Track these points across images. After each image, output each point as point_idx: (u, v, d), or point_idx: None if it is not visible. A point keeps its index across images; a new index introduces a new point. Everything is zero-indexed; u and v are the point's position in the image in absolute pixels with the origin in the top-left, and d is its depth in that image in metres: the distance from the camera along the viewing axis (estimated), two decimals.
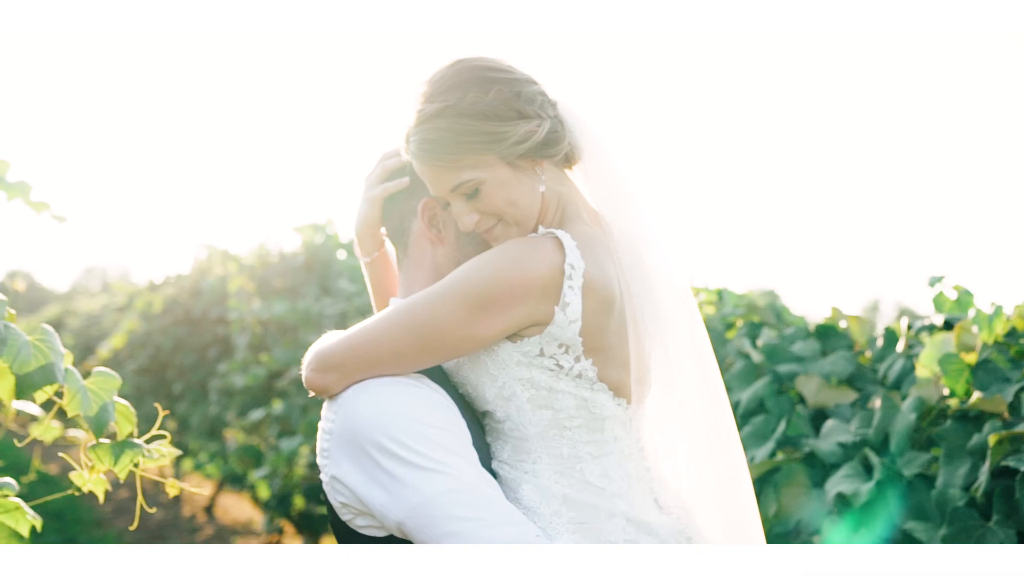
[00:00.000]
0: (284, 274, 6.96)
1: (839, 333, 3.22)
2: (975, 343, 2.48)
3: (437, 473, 1.64)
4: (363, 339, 1.74)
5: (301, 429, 6.12)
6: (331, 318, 6.13)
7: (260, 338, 7.09)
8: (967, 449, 2.36)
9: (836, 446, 2.76)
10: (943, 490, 2.38)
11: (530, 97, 1.74)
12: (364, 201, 1.97)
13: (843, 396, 2.96)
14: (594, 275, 1.71)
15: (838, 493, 2.62)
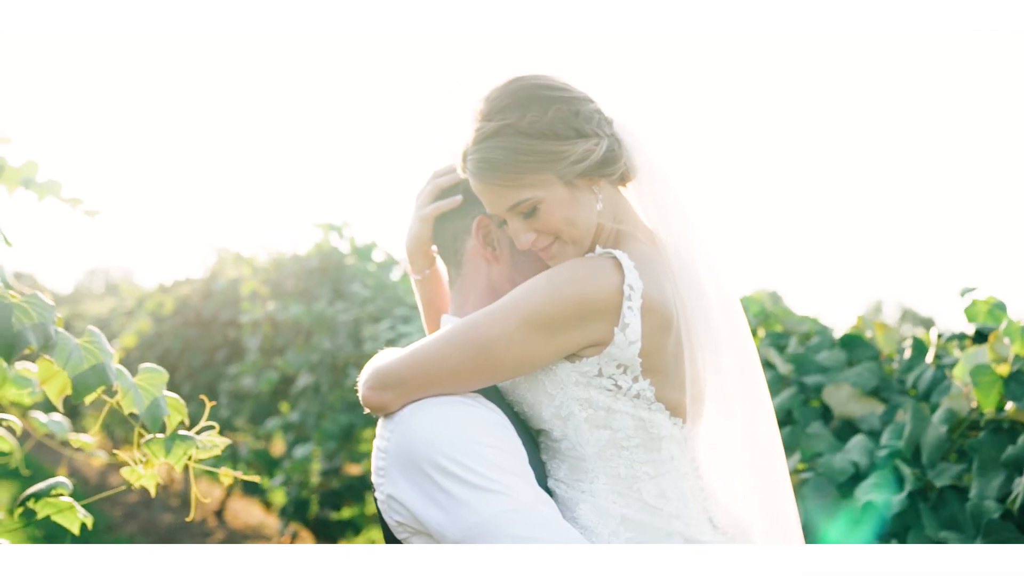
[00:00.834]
0: (297, 277, 6.98)
1: (865, 343, 3.24)
2: (1009, 354, 2.49)
3: (495, 493, 1.64)
4: (423, 358, 1.74)
5: (315, 437, 6.13)
6: (345, 324, 6.15)
7: (271, 341, 7.10)
8: (1001, 461, 2.38)
9: (850, 464, 2.76)
10: (977, 501, 2.39)
11: (588, 116, 1.74)
12: (415, 219, 1.98)
13: (870, 407, 2.97)
14: (652, 295, 1.71)
15: (868, 503, 2.64)
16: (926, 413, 2.65)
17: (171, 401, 1.93)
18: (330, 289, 6.69)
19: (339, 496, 6.70)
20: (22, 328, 1.71)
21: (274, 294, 7.09)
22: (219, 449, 1.95)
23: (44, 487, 1.90)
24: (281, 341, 6.86)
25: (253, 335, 7.20)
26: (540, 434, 1.87)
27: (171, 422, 1.93)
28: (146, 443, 1.90)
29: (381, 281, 6.43)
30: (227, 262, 8.43)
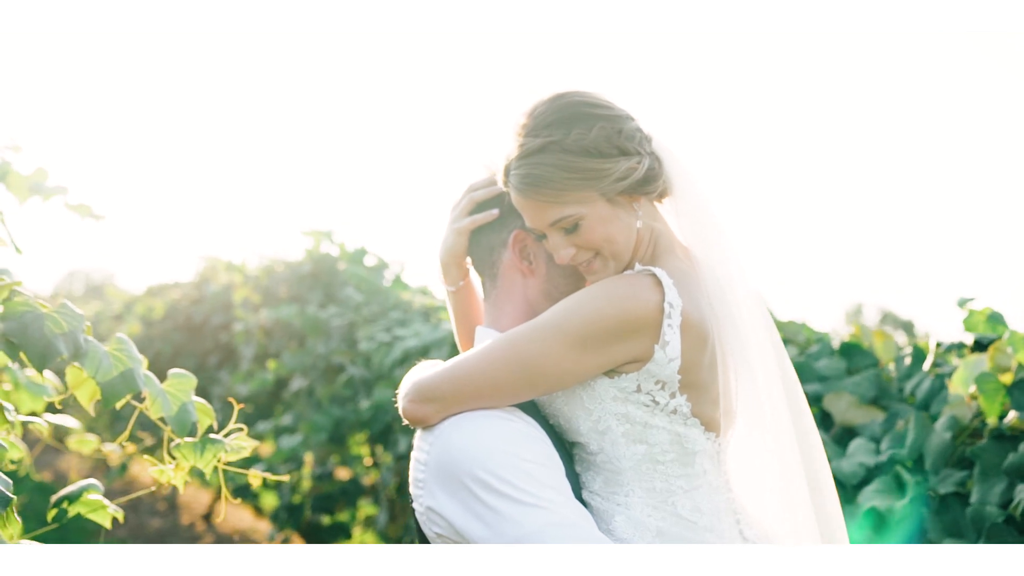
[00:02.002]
0: (289, 283, 7.00)
1: (864, 352, 3.29)
2: (1010, 363, 2.56)
3: (537, 508, 1.66)
4: (464, 372, 1.77)
5: (303, 428, 6.15)
6: (339, 328, 6.18)
7: (264, 347, 7.12)
8: (1003, 467, 2.43)
9: (858, 466, 2.82)
10: (978, 507, 2.45)
11: (630, 134, 1.78)
12: (451, 232, 2.00)
13: (871, 415, 3.03)
14: (691, 312, 1.75)
15: (870, 509, 2.69)
16: (927, 420, 2.71)
17: (199, 406, 1.97)
18: (322, 294, 6.71)
19: (331, 500, 6.72)
20: (54, 338, 1.74)
21: (266, 301, 7.10)
22: (247, 451, 1.99)
23: (76, 489, 1.94)
24: (275, 347, 6.88)
25: (247, 343, 7.21)
26: (575, 447, 1.89)
27: (200, 426, 1.97)
28: (175, 447, 1.93)
29: (373, 285, 6.46)
30: (217, 268, 8.44)
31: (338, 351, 6.00)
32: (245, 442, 1.98)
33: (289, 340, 6.77)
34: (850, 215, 44.21)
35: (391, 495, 5.59)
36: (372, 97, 22.58)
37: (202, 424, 1.96)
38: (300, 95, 19.59)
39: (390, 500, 5.61)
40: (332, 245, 6.87)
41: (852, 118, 47.83)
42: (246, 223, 16.86)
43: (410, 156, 25.63)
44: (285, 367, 6.40)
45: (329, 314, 6.26)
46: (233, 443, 1.98)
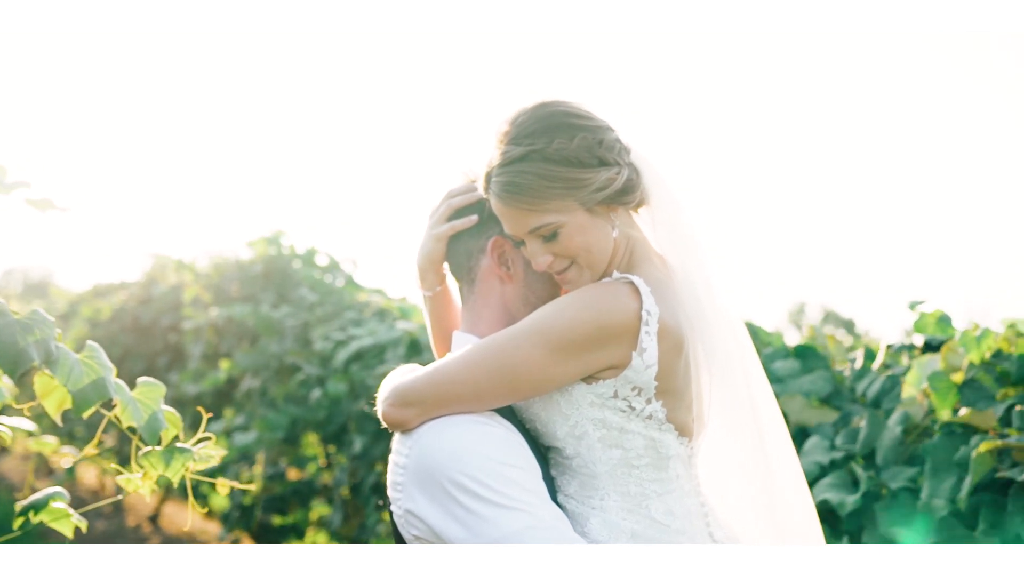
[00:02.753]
0: (241, 282, 6.95)
1: (818, 353, 3.37)
2: (962, 363, 2.64)
3: (515, 510, 1.70)
4: (444, 377, 1.79)
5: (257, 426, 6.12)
6: (293, 328, 6.16)
7: (215, 347, 7.07)
8: (954, 462, 2.51)
9: (814, 464, 2.89)
10: (928, 502, 2.53)
11: (610, 144, 1.81)
12: (429, 237, 2.02)
13: (825, 415, 3.10)
14: (667, 320, 1.78)
15: (823, 501, 2.77)
16: (881, 418, 2.79)
17: (168, 415, 1.97)
18: (275, 294, 6.68)
19: (283, 501, 6.69)
20: (26, 345, 1.73)
21: (217, 300, 7.05)
22: (216, 460, 1.99)
23: (42, 497, 1.93)
24: (225, 346, 6.83)
25: (196, 342, 7.15)
26: (550, 451, 1.92)
27: (167, 436, 1.96)
28: (144, 455, 1.93)
29: (327, 285, 6.45)
30: (165, 267, 8.34)
31: (292, 351, 5.98)
32: (213, 451, 1.98)
33: (240, 339, 6.73)
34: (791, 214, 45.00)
35: (345, 495, 5.58)
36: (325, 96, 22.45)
37: (169, 433, 1.96)
38: (252, 92, 19.44)
39: (344, 500, 5.60)
40: (284, 245, 6.84)
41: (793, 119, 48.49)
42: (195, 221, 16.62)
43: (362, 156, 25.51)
44: (238, 366, 6.36)
45: (282, 314, 6.23)
46: (201, 452, 1.97)
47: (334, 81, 22.52)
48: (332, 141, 24.35)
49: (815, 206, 48.54)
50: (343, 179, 22.04)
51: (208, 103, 18.20)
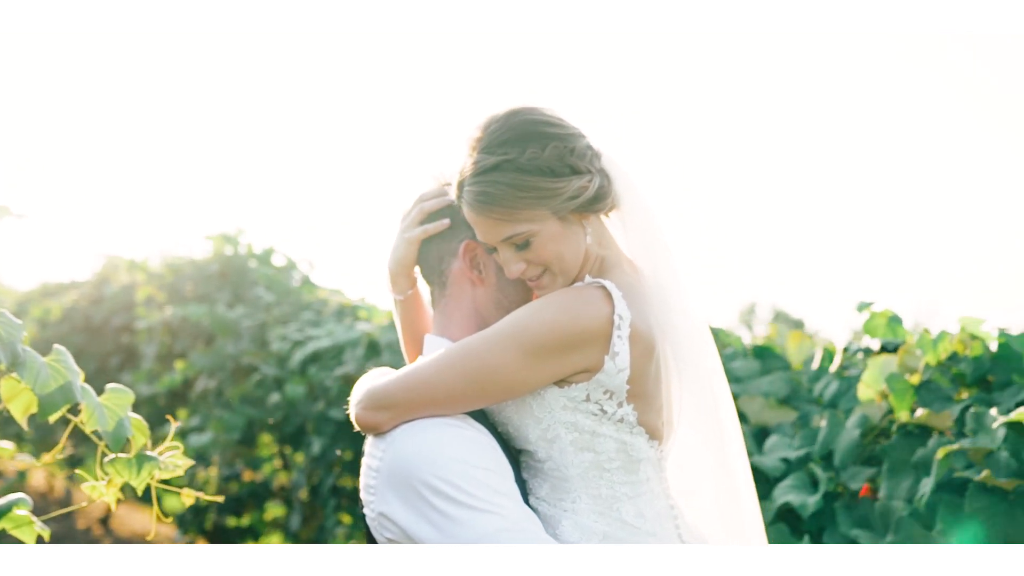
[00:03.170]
0: (196, 282, 6.89)
1: (776, 354, 3.42)
2: (918, 365, 2.69)
3: (488, 513, 1.71)
4: (418, 380, 1.80)
5: (213, 426, 6.07)
6: (250, 328, 6.11)
7: (169, 348, 6.99)
8: (911, 463, 2.56)
9: (779, 461, 2.95)
10: (886, 502, 2.58)
11: (581, 152, 1.82)
12: (401, 241, 2.02)
13: (784, 415, 3.15)
14: (639, 324, 1.80)
15: (784, 504, 2.81)
16: (840, 419, 2.84)
17: (135, 422, 1.94)
18: (230, 293, 6.63)
19: (238, 503, 6.65)
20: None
21: (171, 300, 6.98)
22: (182, 470, 1.97)
23: (5, 503, 1.89)
24: (180, 347, 6.76)
25: (149, 342, 7.07)
26: (522, 454, 1.93)
27: (135, 443, 1.94)
28: (109, 462, 1.91)
29: (284, 286, 6.41)
30: (117, 267, 8.23)
31: (249, 351, 5.93)
32: (180, 460, 1.96)
33: (195, 340, 6.66)
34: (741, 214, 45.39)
35: (304, 498, 5.56)
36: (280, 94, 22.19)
37: (136, 441, 1.94)
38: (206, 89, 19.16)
39: (303, 502, 5.57)
40: (240, 244, 6.79)
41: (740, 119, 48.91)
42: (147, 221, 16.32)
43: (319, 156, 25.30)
44: (193, 367, 6.30)
45: (239, 314, 6.18)
46: (168, 460, 1.95)
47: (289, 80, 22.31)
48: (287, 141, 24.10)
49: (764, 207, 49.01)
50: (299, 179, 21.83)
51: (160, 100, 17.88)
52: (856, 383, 3.01)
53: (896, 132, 51.60)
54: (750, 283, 40.03)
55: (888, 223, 52.92)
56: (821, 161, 52.01)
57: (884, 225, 52.93)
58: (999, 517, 2.29)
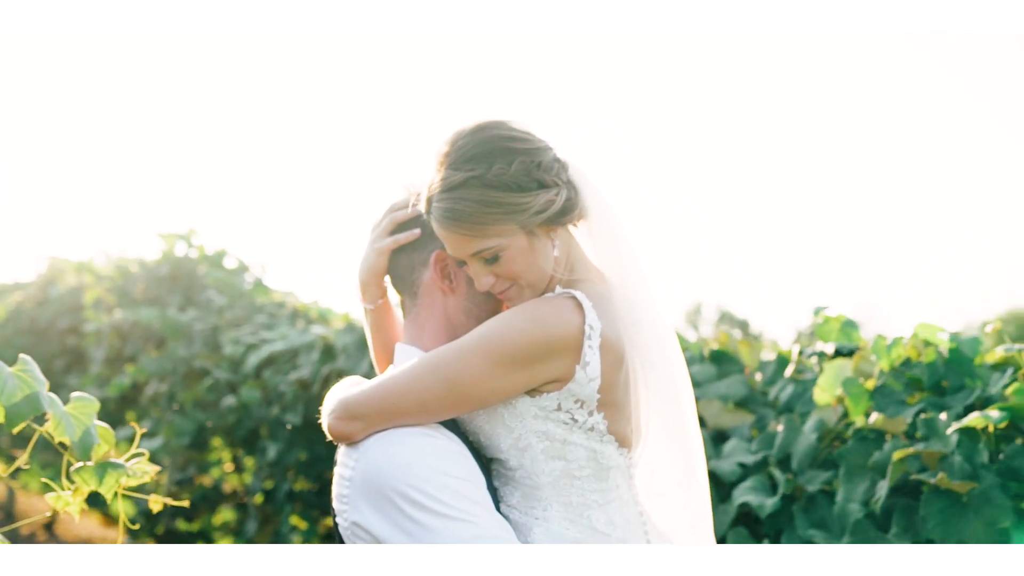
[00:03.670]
0: (146, 284, 6.81)
1: (732, 358, 3.47)
2: (872, 370, 2.76)
3: (462, 521, 1.73)
4: (391, 391, 1.81)
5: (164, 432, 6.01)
6: (202, 332, 6.06)
7: (118, 351, 6.90)
8: (867, 466, 2.62)
9: (736, 465, 3.00)
10: (843, 504, 2.64)
11: (548, 166, 1.83)
12: (372, 251, 2.02)
13: (741, 419, 3.21)
14: (609, 334, 1.83)
15: (744, 504, 2.86)
16: (798, 423, 2.90)
17: (101, 431, 1.93)
18: (182, 296, 6.56)
19: (190, 507, 6.59)
20: None
21: (121, 302, 6.89)
22: (149, 477, 1.96)
23: None
24: (130, 350, 6.68)
25: (98, 346, 6.97)
26: (493, 462, 1.95)
27: (99, 450, 1.92)
28: (75, 471, 1.89)
29: (236, 288, 6.36)
30: (63, 269, 8.10)
31: (201, 355, 5.88)
32: (147, 466, 1.95)
33: (146, 343, 6.59)
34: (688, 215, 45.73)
35: (259, 502, 5.52)
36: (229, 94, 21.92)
37: (101, 449, 1.92)
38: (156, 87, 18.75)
39: (258, 507, 5.54)
40: (190, 248, 6.72)
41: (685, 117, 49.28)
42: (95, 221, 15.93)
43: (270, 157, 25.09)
44: (144, 371, 6.23)
45: (190, 317, 6.13)
46: (135, 467, 1.94)
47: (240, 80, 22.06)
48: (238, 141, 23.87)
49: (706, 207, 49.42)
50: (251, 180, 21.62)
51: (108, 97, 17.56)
52: (811, 387, 3.07)
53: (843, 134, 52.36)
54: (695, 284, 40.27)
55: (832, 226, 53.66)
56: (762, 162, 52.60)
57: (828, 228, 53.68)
58: (952, 520, 2.35)
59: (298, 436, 5.03)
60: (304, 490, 5.27)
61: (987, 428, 2.39)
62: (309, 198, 21.58)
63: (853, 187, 53.72)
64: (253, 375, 5.34)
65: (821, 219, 54.65)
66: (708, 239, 42.35)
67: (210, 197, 17.58)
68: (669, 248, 40.78)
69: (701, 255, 39.94)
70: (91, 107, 17.44)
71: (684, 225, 34.13)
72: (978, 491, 2.33)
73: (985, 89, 48.92)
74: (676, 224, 28.56)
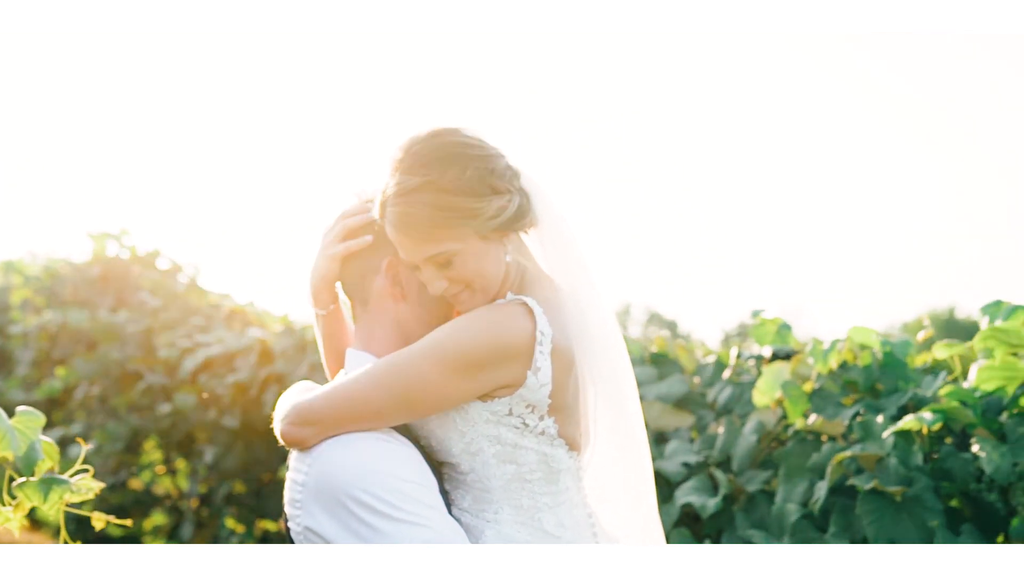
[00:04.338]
0: (76, 285, 6.68)
1: (671, 361, 3.53)
2: (811, 373, 2.82)
3: (415, 525, 1.75)
4: (344, 396, 1.82)
5: (97, 436, 5.91)
6: (135, 334, 5.96)
7: (47, 353, 6.76)
8: (806, 468, 2.69)
9: (681, 465, 3.05)
10: (782, 505, 2.70)
11: (501, 172, 1.86)
12: (323, 258, 2.02)
13: (682, 420, 3.26)
14: (559, 340, 1.86)
15: (687, 504, 2.91)
16: (738, 425, 2.96)
17: (46, 446, 1.91)
18: (113, 298, 6.45)
19: (121, 512, 6.48)
20: None
21: (50, 304, 6.74)
22: (93, 493, 1.93)
23: None
24: (59, 353, 6.54)
25: (25, 347, 6.82)
26: (444, 466, 1.97)
27: (42, 465, 1.89)
28: (18, 486, 1.86)
29: (170, 290, 6.27)
30: None
31: (135, 358, 5.79)
32: (92, 483, 1.92)
33: (76, 345, 6.46)
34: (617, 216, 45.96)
35: (195, 505, 5.46)
36: (161, 93, 21.46)
37: (44, 464, 1.89)
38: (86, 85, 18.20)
39: (195, 511, 5.47)
40: (123, 247, 6.60)
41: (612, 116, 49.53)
42: (23, 220, 15.43)
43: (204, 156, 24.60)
44: (75, 373, 6.11)
45: (123, 319, 6.02)
46: (79, 484, 1.91)
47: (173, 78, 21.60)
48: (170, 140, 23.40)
49: (635, 208, 49.78)
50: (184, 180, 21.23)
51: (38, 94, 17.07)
52: (749, 389, 3.14)
53: (766, 138, 53.14)
54: (623, 284, 40.57)
55: (756, 229, 54.49)
56: (686, 165, 53.16)
57: (753, 231, 54.49)
58: (887, 520, 2.42)
59: (236, 439, 4.98)
60: (241, 493, 5.22)
61: (921, 430, 2.46)
62: (244, 199, 21.26)
63: (775, 191, 54.61)
64: (189, 380, 5.27)
65: (746, 222, 55.44)
66: (635, 239, 42.70)
67: (142, 197, 17.24)
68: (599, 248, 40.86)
69: (629, 255, 40.25)
70: (18, 105, 16.97)
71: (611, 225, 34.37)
72: (911, 493, 2.41)
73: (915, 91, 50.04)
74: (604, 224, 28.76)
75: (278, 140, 29.00)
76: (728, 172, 53.67)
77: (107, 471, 6.14)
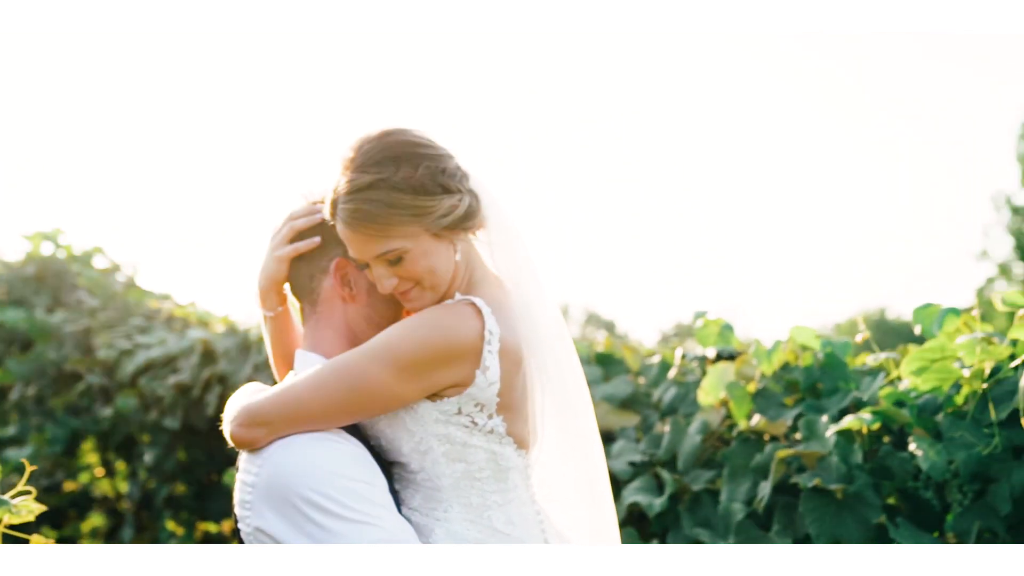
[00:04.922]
0: (11, 285, 6.54)
1: (617, 361, 3.57)
2: (754, 373, 2.88)
3: (365, 524, 1.77)
4: (294, 397, 1.83)
5: (33, 440, 5.81)
6: (73, 334, 5.87)
7: None
8: (750, 467, 2.74)
9: (627, 465, 3.09)
10: (727, 504, 2.75)
11: (452, 172, 1.89)
12: (271, 259, 2.04)
13: (628, 420, 3.30)
14: (508, 339, 1.89)
15: (634, 504, 2.95)
16: (683, 425, 3.00)
17: None
18: (49, 297, 6.33)
19: (58, 514, 6.38)
20: None
21: None
22: (33, 515, 1.89)
23: None
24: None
25: None
26: (394, 465, 1.99)
27: None
28: None
29: (108, 290, 6.17)
30: None
31: (73, 359, 5.69)
32: (33, 506, 1.88)
33: (11, 346, 6.33)
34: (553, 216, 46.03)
35: (135, 508, 5.39)
36: (96, 91, 21.02)
37: None
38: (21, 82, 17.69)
39: (134, 513, 5.40)
40: (58, 247, 6.49)
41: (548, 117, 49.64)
42: None
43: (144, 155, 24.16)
44: (10, 374, 5.99)
45: (59, 319, 5.92)
46: (21, 504, 1.87)
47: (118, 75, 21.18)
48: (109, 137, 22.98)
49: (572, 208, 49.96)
50: (122, 178, 20.79)
51: None
52: (693, 389, 3.19)
53: (700, 136, 53.70)
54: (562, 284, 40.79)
55: (692, 229, 55.03)
56: (622, 165, 53.50)
57: (688, 230, 55.03)
58: (829, 517, 2.48)
59: (177, 441, 4.93)
60: (182, 495, 5.17)
61: (861, 430, 2.53)
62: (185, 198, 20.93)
63: (711, 191, 55.21)
64: (129, 382, 5.20)
65: (681, 224, 55.96)
66: (571, 238, 42.89)
67: (78, 197, 16.91)
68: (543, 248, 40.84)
69: (566, 255, 40.48)
70: None
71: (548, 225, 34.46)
72: (852, 490, 2.47)
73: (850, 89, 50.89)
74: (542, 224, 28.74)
75: (223, 139, 28.64)
76: (656, 174, 54.13)
77: (42, 473, 6.04)
